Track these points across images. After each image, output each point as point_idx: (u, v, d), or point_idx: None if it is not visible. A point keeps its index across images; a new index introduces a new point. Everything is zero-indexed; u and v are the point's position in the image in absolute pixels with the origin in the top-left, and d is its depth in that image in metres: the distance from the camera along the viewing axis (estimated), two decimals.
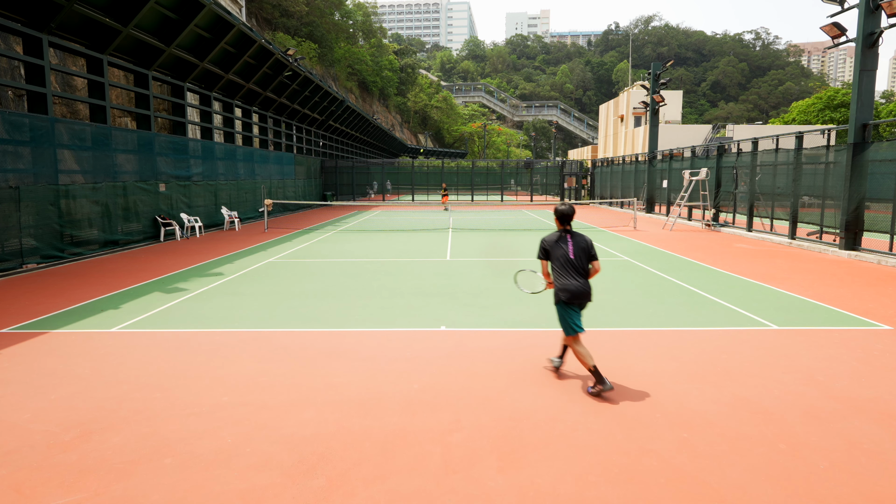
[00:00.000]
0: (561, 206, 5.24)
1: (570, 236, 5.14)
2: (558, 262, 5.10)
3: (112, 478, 3.60)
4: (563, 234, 5.17)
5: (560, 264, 5.09)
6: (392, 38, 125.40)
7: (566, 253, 5.07)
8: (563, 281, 5.05)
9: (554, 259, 5.13)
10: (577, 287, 5.00)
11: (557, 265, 5.10)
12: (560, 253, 5.09)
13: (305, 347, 6.30)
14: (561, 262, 5.09)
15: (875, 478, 3.60)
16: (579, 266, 5.06)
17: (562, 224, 5.21)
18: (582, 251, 5.08)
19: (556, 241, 5.14)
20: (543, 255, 5.21)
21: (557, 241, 5.14)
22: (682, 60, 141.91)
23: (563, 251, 5.08)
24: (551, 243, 5.14)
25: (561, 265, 5.09)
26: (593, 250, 5.13)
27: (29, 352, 6.14)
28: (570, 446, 4.02)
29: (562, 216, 5.19)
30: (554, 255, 5.12)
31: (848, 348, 6.26)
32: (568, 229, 5.19)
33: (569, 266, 5.06)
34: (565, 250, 5.08)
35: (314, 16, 58.82)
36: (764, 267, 11.86)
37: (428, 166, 48.83)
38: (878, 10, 13.31)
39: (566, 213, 5.19)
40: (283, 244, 15.86)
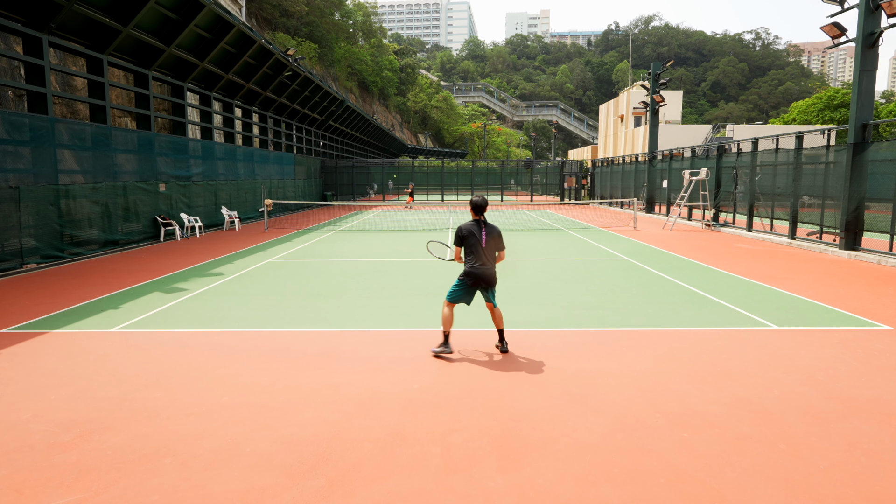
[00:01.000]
0: (475, 199, 5.89)
1: (483, 226, 5.82)
2: (472, 249, 5.81)
3: (112, 478, 3.60)
4: (478, 223, 5.85)
5: (473, 251, 5.80)
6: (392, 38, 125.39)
7: (479, 241, 5.77)
8: (472, 265, 5.82)
9: (468, 245, 5.83)
10: (483, 272, 5.77)
11: (471, 251, 5.82)
12: (473, 241, 5.79)
13: (305, 347, 6.30)
14: (473, 249, 5.80)
15: (875, 478, 3.60)
16: (489, 253, 5.81)
17: (476, 214, 5.90)
18: (493, 240, 5.82)
19: (471, 230, 5.81)
20: (458, 242, 5.88)
21: (472, 230, 5.80)
22: (682, 60, 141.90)
23: (476, 239, 5.77)
24: (467, 232, 5.80)
25: (473, 251, 5.80)
26: (502, 241, 5.95)
27: (29, 352, 6.14)
28: (570, 446, 4.02)
29: (476, 207, 5.88)
30: (468, 242, 5.82)
31: (848, 348, 6.26)
32: (482, 220, 5.88)
33: (480, 253, 5.77)
34: (478, 238, 5.77)
35: (314, 16, 58.82)
36: (764, 267, 11.86)
37: (428, 166, 48.87)
38: (878, 10, 13.31)
39: (480, 205, 5.88)
40: (283, 244, 15.86)
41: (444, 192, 43.95)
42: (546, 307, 8.23)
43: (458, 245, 5.90)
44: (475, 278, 5.79)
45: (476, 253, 5.77)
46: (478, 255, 5.76)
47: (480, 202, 5.89)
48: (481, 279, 5.79)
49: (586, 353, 6.08)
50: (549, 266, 11.98)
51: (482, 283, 5.81)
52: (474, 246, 5.78)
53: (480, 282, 5.81)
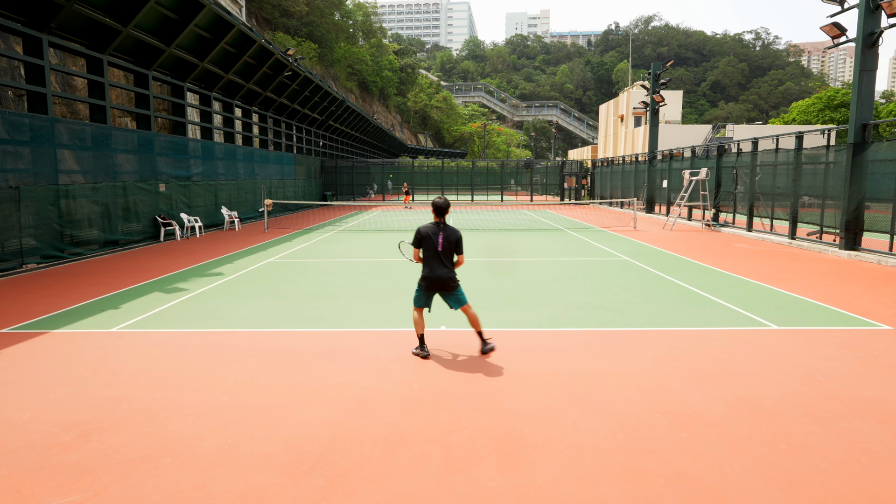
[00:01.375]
0: (437, 200, 5.71)
1: (442, 229, 5.65)
2: (428, 252, 5.64)
3: (112, 478, 3.60)
4: (437, 226, 5.68)
5: (429, 254, 5.63)
6: (392, 38, 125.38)
7: (435, 245, 5.61)
8: (427, 269, 5.67)
9: (425, 248, 5.66)
10: (436, 276, 5.61)
11: (427, 254, 5.65)
12: (430, 244, 5.62)
13: (305, 347, 6.30)
14: (430, 252, 5.63)
15: (875, 478, 3.60)
16: (445, 257, 5.65)
17: (437, 216, 5.72)
18: (450, 244, 5.65)
19: (429, 232, 5.64)
20: (416, 244, 5.72)
21: (430, 232, 5.63)
22: (682, 60, 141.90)
23: (433, 242, 5.61)
24: (425, 234, 5.64)
25: (429, 255, 5.64)
26: (460, 245, 5.77)
27: (29, 352, 6.14)
28: (570, 446, 4.02)
29: (437, 209, 5.69)
30: (425, 244, 5.65)
31: (848, 348, 6.26)
32: (441, 222, 5.69)
33: (435, 257, 5.63)
34: (435, 242, 5.61)
35: (314, 16, 58.83)
36: (764, 267, 11.86)
37: (428, 166, 48.87)
38: (878, 10, 13.31)
39: (441, 207, 5.68)
40: (283, 244, 15.86)
41: (444, 193, 43.95)
42: (546, 307, 8.23)
43: (416, 246, 5.76)
44: (429, 282, 5.69)
45: (429, 257, 5.64)
46: (431, 258, 5.64)
47: (442, 204, 5.71)
48: (435, 284, 5.66)
49: (586, 353, 6.08)
50: (549, 266, 11.98)
51: (436, 287, 5.69)
52: (430, 249, 5.64)
53: (434, 286, 5.68)
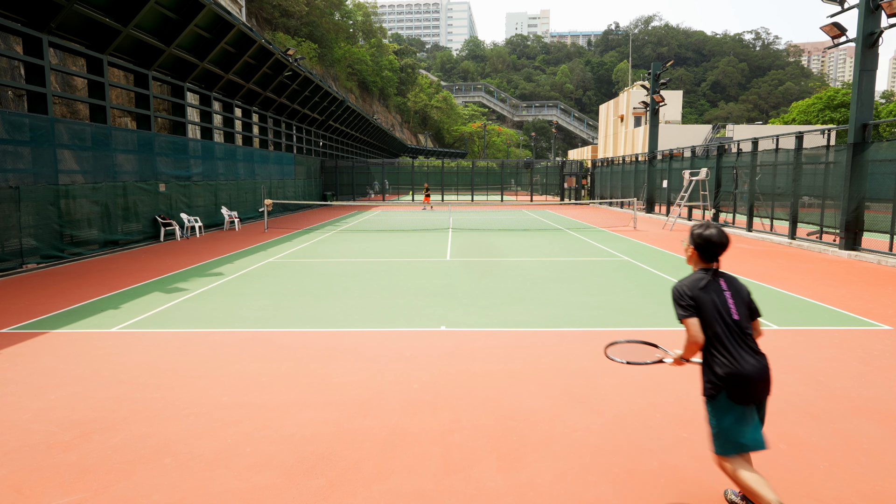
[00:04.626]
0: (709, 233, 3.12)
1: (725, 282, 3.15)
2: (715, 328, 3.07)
3: (112, 478, 3.60)
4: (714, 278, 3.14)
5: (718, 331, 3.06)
6: (392, 38, 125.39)
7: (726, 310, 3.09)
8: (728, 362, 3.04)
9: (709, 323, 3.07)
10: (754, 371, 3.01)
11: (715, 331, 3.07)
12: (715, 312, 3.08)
13: (305, 347, 6.30)
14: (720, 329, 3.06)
15: (875, 478, 3.60)
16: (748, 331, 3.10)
17: (707, 260, 3.15)
18: (745, 306, 3.12)
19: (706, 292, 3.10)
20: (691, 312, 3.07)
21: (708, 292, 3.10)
22: (682, 60, 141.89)
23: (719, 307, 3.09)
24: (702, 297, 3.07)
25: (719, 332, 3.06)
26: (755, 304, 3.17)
27: (29, 352, 6.14)
28: (570, 446, 4.02)
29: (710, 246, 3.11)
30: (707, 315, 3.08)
31: (848, 348, 6.26)
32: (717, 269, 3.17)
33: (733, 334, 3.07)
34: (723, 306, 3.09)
35: (314, 16, 58.83)
36: (764, 267, 11.86)
37: (428, 166, 48.88)
38: (878, 10, 13.30)
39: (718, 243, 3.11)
40: (283, 244, 15.86)
41: (444, 193, 43.96)
42: (546, 307, 8.23)
43: (691, 315, 3.08)
44: (745, 386, 3.01)
45: (718, 336, 3.06)
46: (725, 339, 3.05)
47: (717, 238, 3.11)
48: (755, 386, 3.02)
49: (586, 353, 6.08)
50: (549, 266, 11.98)
51: (759, 393, 3.06)
52: (719, 321, 3.07)
53: (755, 392, 3.04)
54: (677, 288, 3.14)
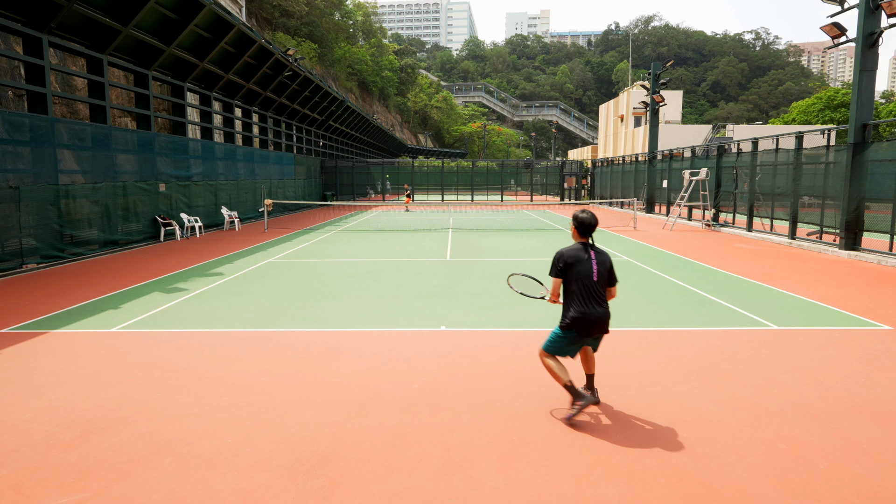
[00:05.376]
0: (582, 215, 4.45)
1: (592, 253, 4.43)
2: (578, 283, 4.37)
3: (112, 478, 3.60)
4: (584, 249, 4.45)
5: (579, 287, 4.38)
6: (392, 38, 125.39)
7: (588, 273, 4.37)
8: (580, 308, 4.34)
9: (572, 279, 4.41)
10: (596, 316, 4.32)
11: (576, 286, 4.39)
12: (581, 273, 4.37)
13: (305, 347, 6.30)
14: (580, 285, 4.37)
15: (875, 478, 3.60)
16: (601, 290, 4.43)
17: (583, 235, 4.47)
18: (605, 271, 4.41)
19: (576, 257, 4.39)
20: (558, 273, 4.44)
21: (577, 257, 4.39)
22: (682, 60, 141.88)
23: (584, 270, 4.37)
24: (571, 259, 4.38)
25: (579, 288, 4.37)
26: (614, 272, 4.50)
27: (29, 352, 6.14)
28: (570, 446, 4.02)
29: (583, 226, 4.43)
30: (572, 274, 4.40)
31: (848, 348, 6.26)
32: (588, 243, 4.47)
33: (589, 290, 4.38)
34: (588, 269, 4.38)
35: (314, 16, 58.83)
36: (764, 267, 11.86)
37: (428, 166, 48.86)
38: (878, 10, 13.31)
39: (588, 224, 4.41)
40: (283, 244, 15.86)
41: (444, 192, 43.97)
42: (546, 307, 8.23)
43: (558, 276, 4.41)
44: (585, 324, 4.30)
45: (579, 291, 4.31)
46: (583, 293, 4.30)
47: (588, 220, 4.41)
48: (593, 326, 4.32)
49: None
50: (549, 266, 11.97)
51: (594, 330, 4.35)
52: (581, 280, 4.32)
53: (591, 329, 4.33)
54: (559, 253, 4.45)
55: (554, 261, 4.42)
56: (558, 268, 4.39)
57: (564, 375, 4.42)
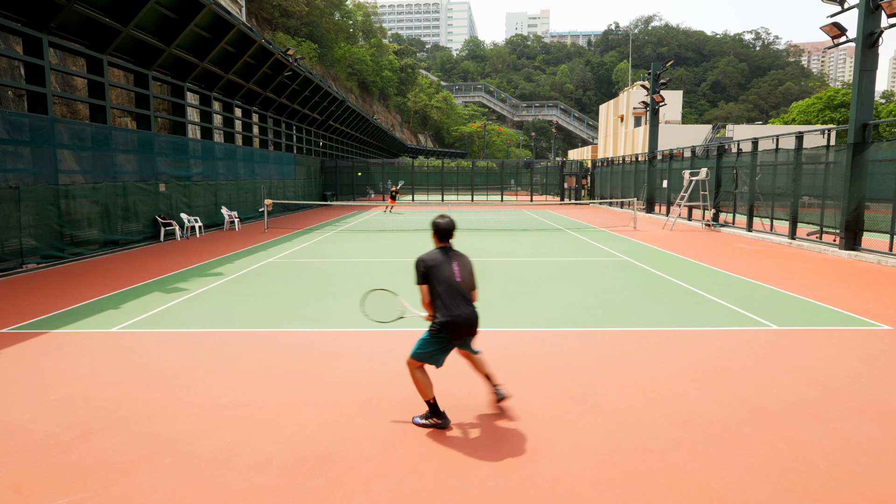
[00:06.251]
0: (440, 221, 4.45)
1: (452, 257, 4.41)
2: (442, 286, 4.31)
3: (112, 478, 3.60)
4: (445, 253, 4.40)
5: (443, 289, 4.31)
6: (392, 38, 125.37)
7: (451, 275, 4.32)
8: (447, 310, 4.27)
9: (436, 283, 4.32)
10: (465, 317, 4.28)
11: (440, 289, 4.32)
12: (443, 275, 4.32)
13: (305, 347, 6.30)
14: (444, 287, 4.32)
15: (875, 478, 3.60)
16: (465, 291, 4.41)
17: (441, 241, 4.44)
18: (467, 273, 4.41)
19: (437, 261, 4.34)
20: (422, 279, 4.36)
21: (438, 261, 4.35)
22: (682, 60, 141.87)
23: (446, 272, 4.32)
24: (432, 263, 4.32)
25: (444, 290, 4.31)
26: (474, 275, 4.52)
27: (29, 352, 6.14)
28: (570, 446, 4.02)
29: (441, 232, 4.43)
30: (435, 277, 4.32)
31: (848, 348, 6.26)
32: (448, 248, 4.45)
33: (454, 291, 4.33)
34: (449, 272, 4.33)
35: (314, 16, 58.82)
36: (764, 267, 11.86)
37: (428, 166, 48.84)
38: (878, 10, 13.31)
39: (445, 229, 4.43)
40: (283, 244, 15.86)
41: (444, 193, 43.98)
42: (546, 307, 8.23)
43: (423, 282, 4.33)
44: (455, 327, 4.25)
45: (444, 293, 4.26)
46: (449, 294, 4.26)
47: (446, 225, 4.44)
48: (463, 328, 4.28)
49: (586, 353, 6.08)
50: (549, 266, 11.98)
51: (465, 332, 4.33)
52: (445, 282, 4.27)
53: (462, 331, 4.29)
54: (419, 259, 4.36)
55: (416, 268, 4.34)
56: (422, 273, 4.32)
57: (430, 390, 4.34)
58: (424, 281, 4.32)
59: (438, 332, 4.29)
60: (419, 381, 4.35)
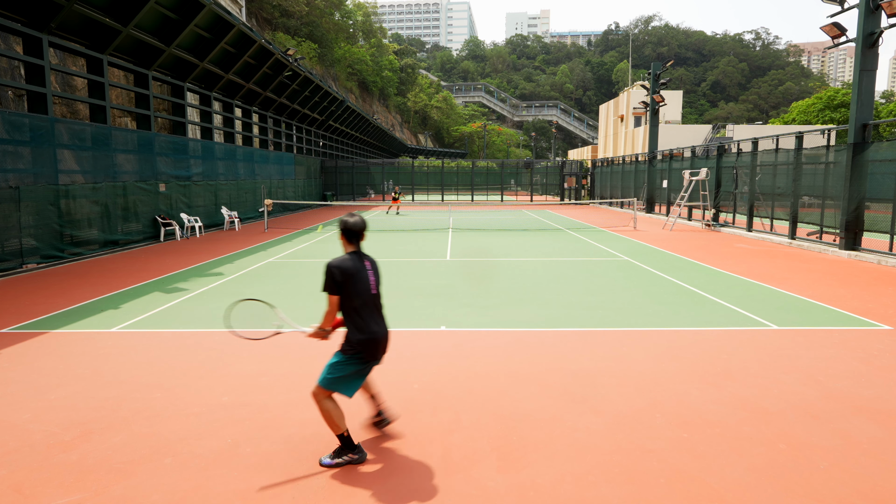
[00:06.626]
0: (351, 219, 3.86)
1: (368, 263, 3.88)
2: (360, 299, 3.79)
3: (112, 478, 3.60)
4: (359, 258, 3.85)
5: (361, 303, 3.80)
6: (392, 38, 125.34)
7: (368, 287, 3.82)
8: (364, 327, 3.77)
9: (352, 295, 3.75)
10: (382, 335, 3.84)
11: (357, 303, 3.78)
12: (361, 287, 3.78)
13: (306, 347, 6.29)
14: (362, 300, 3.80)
15: (875, 477, 3.60)
16: (380, 304, 3.94)
17: (353, 244, 3.87)
18: (379, 283, 3.89)
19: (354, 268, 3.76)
20: (335, 289, 3.71)
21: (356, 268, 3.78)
22: (682, 60, 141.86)
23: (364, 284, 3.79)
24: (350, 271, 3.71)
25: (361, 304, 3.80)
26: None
27: (29, 352, 6.14)
28: (570, 446, 4.02)
29: (352, 232, 3.85)
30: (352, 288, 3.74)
31: (848, 348, 6.26)
32: (360, 252, 3.89)
33: (371, 305, 3.85)
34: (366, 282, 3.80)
35: (314, 16, 58.83)
36: (764, 267, 11.86)
37: (428, 166, 48.84)
38: (878, 10, 13.31)
39: (357, 229, 3.85)
40: (283, 244, 15.86)
41: (444, 193, 43.98)
42: (546, 307, 8.23)
43: (335, 293, 3.70)
44: (374, 347, 3.78)
45: (361, 307, 3.75)
46: (366, 309, 3.77)
47: (358, 224, 3.85)
48: (381, 347, 3.83)
49: (586, 353, 6.08)
50: (549, 266, 11.98)
51: (381, 352, 3.86)
52: (362, 294, 3.75)
53: (379, 351, 3.84)
54: (332, 266, 3.69)
55: (329, 274, 3.65)
56: (336, 282, 3.66)
57: (343, 422, 3.75)
58: (337, 291, 3.70)
59: (356, 352, 3.74)
60: (330, 413, 3.73)
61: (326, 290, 3.70)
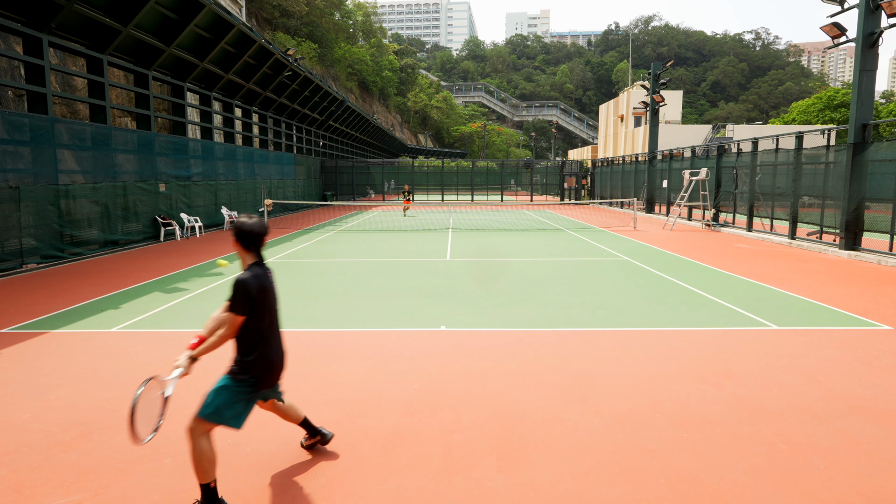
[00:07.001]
0: (249, 222, 3.42)
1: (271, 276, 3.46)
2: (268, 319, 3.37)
3: (112, 478, 3.60)
4: (265, 271, 3.41)
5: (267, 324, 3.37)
6: (392, 38, 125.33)
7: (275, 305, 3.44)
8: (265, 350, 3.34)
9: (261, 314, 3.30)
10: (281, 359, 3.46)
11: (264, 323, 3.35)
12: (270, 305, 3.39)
13: (305, 347, 6.29)
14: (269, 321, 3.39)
15: (875, 478, 3.60)
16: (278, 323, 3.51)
17: (255, 254, 3.43)
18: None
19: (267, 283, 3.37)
20: (246, 309, 3.21)
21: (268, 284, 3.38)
22: (682, 60, 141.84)
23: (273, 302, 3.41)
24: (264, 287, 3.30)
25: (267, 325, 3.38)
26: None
27: (29, 352, 6.14)
28: (570, 446, 4.02)
29: (254, 238, 3.41)
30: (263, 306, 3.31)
31: (848, 348, 6.26)
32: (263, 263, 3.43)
33: (275, 325, 3.46)
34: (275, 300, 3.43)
35: (314, 16, 58.82)
36: (764, 267, 11.86)
37: (428, 166, 48.84)
38: (878, 10, 13.31)
39: (259, 234, 3.42)
40: (283, 244, 15.86)
41: (444, 193, 43.98)
42: (546, 307, 8.23)
43: (244, 313, 3.19)
44: (273, 373, 3.39)
45: (266, 328, 3.33)
46: (270, 330, 3.36)
47: (260, 229, 3.39)
48: (279, 372, 3.45)
49: (586, 353, 6.08)
50: (549, 266, 11.98)
51: (277, 378, 3.46)
52: (271, 313, 3.37)
53: (277, 377, 3.44)
54: (246, 280, 3.17)
55: (242, 291, 3.13)
56: (251, 300, 3.17)
57: (213, 470, 3.17)
58: (249, 311, 3.18)
59: (248, 377, 3.24)
60: (203, 455, 3.12)
61: (236, 310, 3.13)
